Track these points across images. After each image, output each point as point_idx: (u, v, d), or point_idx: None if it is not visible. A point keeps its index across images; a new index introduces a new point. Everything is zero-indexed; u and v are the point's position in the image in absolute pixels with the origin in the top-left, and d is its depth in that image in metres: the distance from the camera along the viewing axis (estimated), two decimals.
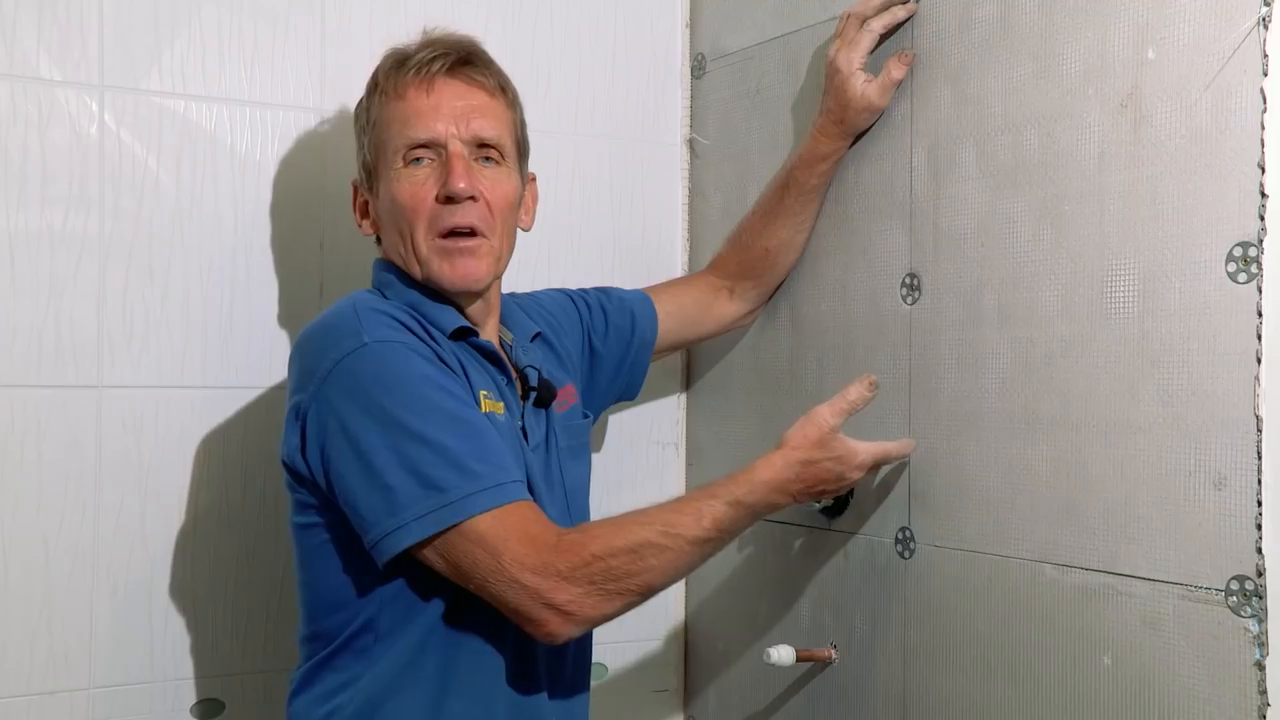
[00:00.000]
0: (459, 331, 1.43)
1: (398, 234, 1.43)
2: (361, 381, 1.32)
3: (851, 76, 1.57)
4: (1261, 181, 1.19)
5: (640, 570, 1.30)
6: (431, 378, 1.34)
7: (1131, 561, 1.30)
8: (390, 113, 1.43)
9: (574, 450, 1.54)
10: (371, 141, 1.46)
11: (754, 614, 1.81)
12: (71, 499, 1.59)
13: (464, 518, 1.28)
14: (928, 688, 1.53)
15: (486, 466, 1.30)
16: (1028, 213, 1.42)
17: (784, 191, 1.68)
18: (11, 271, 1.56)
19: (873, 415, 1.61)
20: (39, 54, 1.57)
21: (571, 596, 1.28)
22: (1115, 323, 1.32)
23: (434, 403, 1.32)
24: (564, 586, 1.28)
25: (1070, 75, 1.37)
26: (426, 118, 1.41)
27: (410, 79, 1.43)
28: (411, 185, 1.41)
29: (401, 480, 1.29)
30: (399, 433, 1.30)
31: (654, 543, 1.30)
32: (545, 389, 1.50)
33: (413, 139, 1.42)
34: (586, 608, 1.29)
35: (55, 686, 1.58)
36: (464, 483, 1.29)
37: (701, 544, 1.34)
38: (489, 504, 1.29)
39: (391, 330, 1.35)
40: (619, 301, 1.71)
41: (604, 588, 1.29)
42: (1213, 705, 1.22)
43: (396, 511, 1.29)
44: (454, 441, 1.30)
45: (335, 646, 1.39)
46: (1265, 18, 1.19)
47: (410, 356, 1.34)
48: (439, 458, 1.29)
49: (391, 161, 1.42)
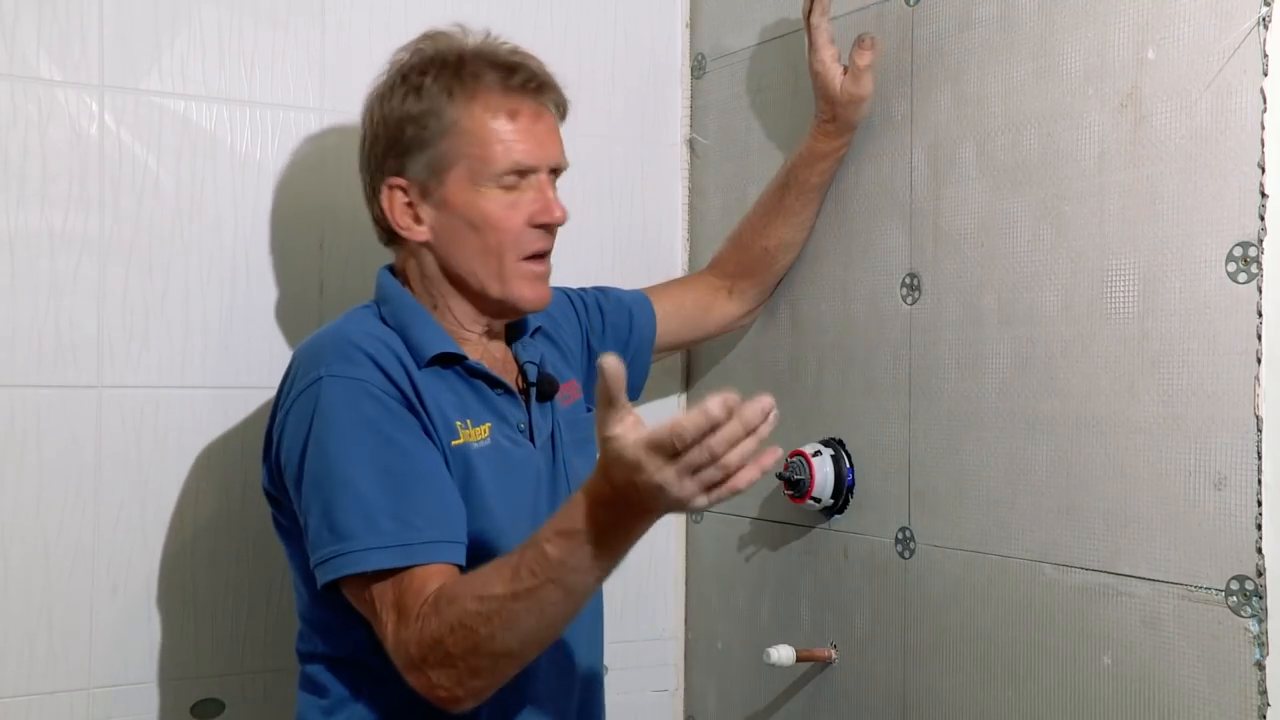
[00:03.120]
0: (441, 358, 1.40)
1: (480, 250, 1.41)
2: (307, 415, 1.32)
3: (826, 74, 1.59)
4: (1261, 181, 1.19)
5: (476, 644, 1.19)
6: (373, 421, 1.31)
7: (1131, 561, 1.30)
8: (492, 130, 1.39)
9: (579, 444, 1.54)
10: (450, 148, 1.39)
11: (754, 614, 1.81)
12: (71, 499, 1.59)
13: (357, 570, 1.25)
14: (928, 688, 1.53)
15: (395, 524, 1.26)
16: (1028, 213, 1.42)
17: (785, 191, 1.68)
18: (11, 271, 1.56)
19: (873, 415, 1.61)
20: (39, 54, 1.57)
21: (434, 681, 1.21)
22: (1115, 323, 1.32)
23: (366, 449, 1.29)
24: (422, 673, 1.22)
25: (1070, 75, 1.37)
26: (533, 145, 1.40)
27: (521, 102, 1.40)
28: (506, 207, 1.40)
29: (317, 521, 1.29)
30: (326, 472, 1.29)
31: (472, 612, 1.18)
32: (546, 383, 1.50)
33: (520, 164, 1.40)
34: (452, 687, 1.21)
35: (55, 686, 1.58)
36: (366, 535, 1.26)
37: (523, 596, 1.16)
38: (386, 563, 1.25)
39: (352, 365, 1.33)
40: (616, 302, 1.71)
41: (454, 668, 1.20)
42: (1213, 705, 1.22)
43: (313, 549, 1.30)
44: (373, 491, 1.27)
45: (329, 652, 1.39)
46: (1265, 18, 1.19)
47: (357, 396, 1.31)
48: (353, 504, 1.27)
49: (484, 178, 1.39)
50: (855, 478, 1.63)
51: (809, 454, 1.64)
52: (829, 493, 1.63)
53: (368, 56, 1.74)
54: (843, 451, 1.64)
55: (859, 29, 1.63)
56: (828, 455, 1.64)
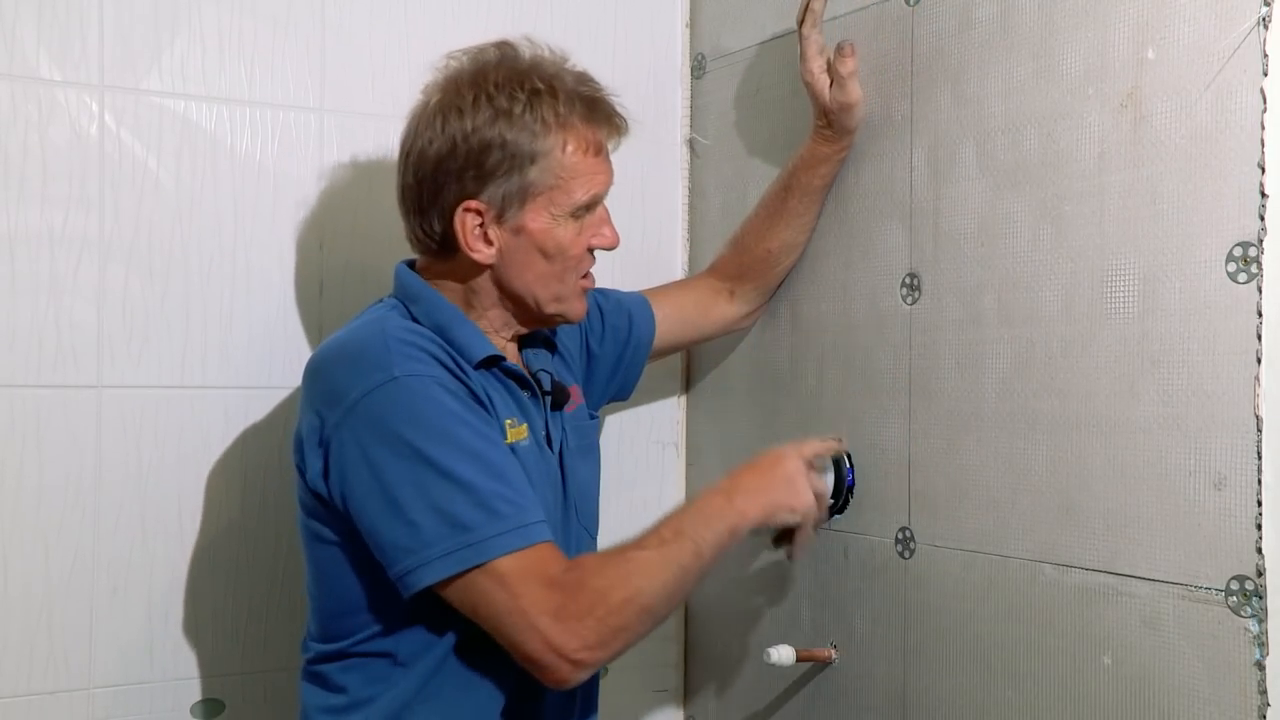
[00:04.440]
0: (487, 360, 1.43)
1: (547, 274, 1.43)
2: (390, 416, 1.31)
3: (815, 84, 1.60)
4: (1261, 181, 1.19)
5: (636, 609, 1.31)
6: (458, 414, 1.33)
7: (1131, 561, 1.30)
8: (579, 163, 1.41)
9: (584, 450, 1.55)
10: (536, 178, 1.40)
11: (754, 614, 1.81)
12: (71, 499, 1.59)
13: (488, 558, 1.28)
14: (928, 688, 1.53)
15: (511, 507, 1.30)
16: (1028, 213, 1.42)
17: (787, 193, 1.68)
18: (11, 271, 1.56)
19: (873, 415, 1.61)
20: (39, 54, 1.57)
21: (584, 643, 1.28)
22: (1115, 323, 1.32)
23: (461, 440, 1.31)
24: (576, 631, 1.28)
25: (1070, 75, 1.37)
26: (608, 178, 1.45)
27: (604, 138, 1.44)
28: (575, 234, 1.43)
29: (427, 518, 1.29)
30: (426, 469, 1.30)
31: (634, 562, 1.32)
32: (559, 391, 1.52)
33: (597, 197, 1.44)
34: (596, 650, 1.29)
35: (55, 686, 1.58)
36: (489, 523, 1.29)
37: (690, 567, 1.34)
38: (513, 545, 1.29)
39: (420, 363, 1.35)
40: (616, 304, 1.71)
41: (608, 625, 1.29)
42: (1213, 705, 1.22)
43: (421, 548, 1.29)
44: (480, 480, 1.30)
45: (347, 648, 1.40)
46: (1265, 18, 1.19)
47: (439, 392, 1.33)
48: (466, 496, 1.29)
49: (564, 209, 1.41)
50: (855, 478, 1.63)
51: None
52: (829, 493, 1.63)
53: (368, 56, 1.76)
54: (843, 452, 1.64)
55: (859, 29, 1.63)
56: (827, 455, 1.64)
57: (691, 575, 1.34)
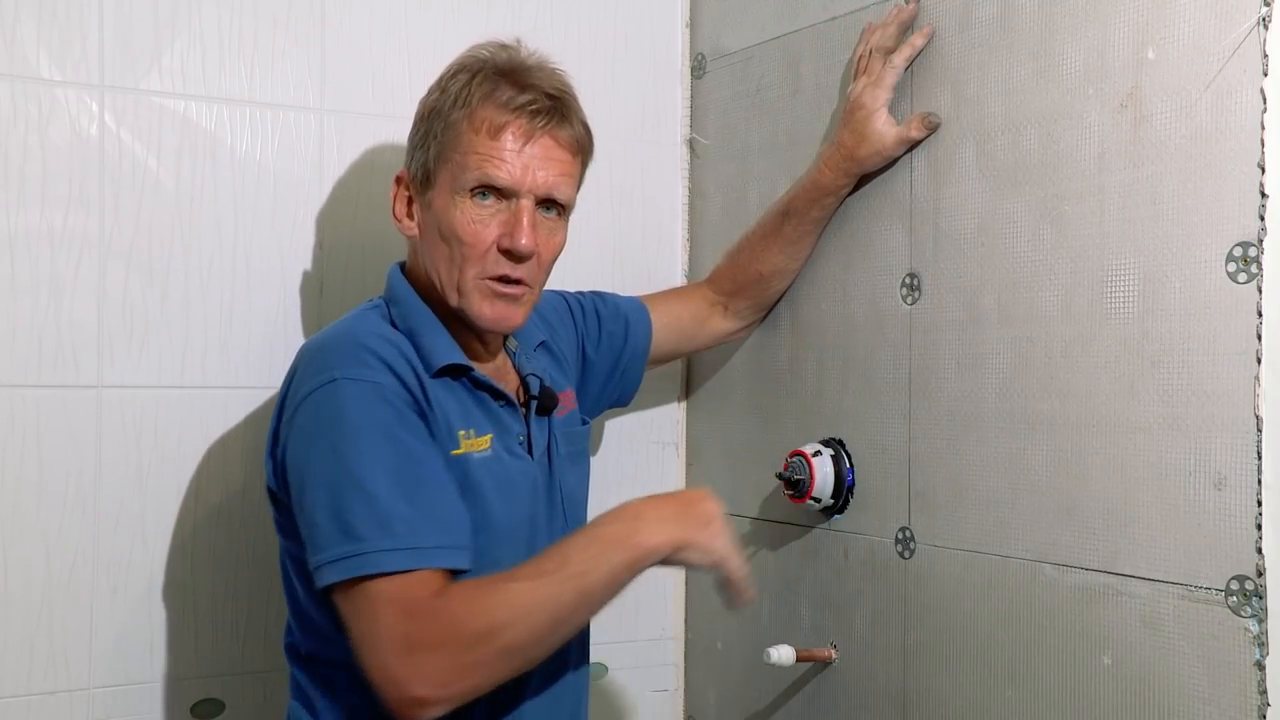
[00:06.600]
0: (451, 369, 1.40)
1: (445, 258, 1.39)
2: (321, 417, 1.31)
3: (875, 114, 1.55)
4: (1261, 181, 1.19)
5: (495, 647, 1.22)
6: (387, 424, 1.30)
7: (1131, 561, 1.30)
8: (475, 141, 1.37)
9: (573, 456, 1.54)
10: (441, 150, 1.39)
11: (754, 614, 1.81)
12: (71, 499, 1.59)
13: (368, 572, 1.24)
14: (928, 688, 1.53)
15: (406, 526, 1.25)
16: (1028, 213, 1.42)
17: (784, 219, 1.67)
18: (11, 271, 1.56)
19: (874, 415, 1.61)
20: (39, 54, 1.57)
21: (429, 680, 1.21)
22: (1115, 323, 1.32)
23: (378, 451, 1.28)
24: (421, 666, 1.21)
25: (1070, 75, 1.37)
26: (512, 168, 1.37)
27: (510, 121, 1.37)
28: (473, 222, 1.38)
29: (326, 521, 1.27)
30: (340, 473, 1.28)
31: (499, 600, 1.22)
32: (546, 397, 1.50)
33: (490, 180, 1.37)
34: (442, 689, 1.21)
35: (55, 686, 1.58)
36: (379, 537, 1.24)
37: (575, 588, 1.24)
38: (399, 565, 1.24)
39: (366, 368, 1.32)
40: (614, 309, 1.71)
41: (460, 661, 1.21)
42: (1213, 705, 1.22)
43: (317, 551, 1.28)
44: (385, 493, 1.26)
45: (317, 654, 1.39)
46: (1265, 18, 1.19)
47: (372, 399, 1.31)
48: (366, 507, 1.26)
49: (458, 187, 1.38)
50: (855, 478, 1.63)
51: (809, 454, 1.64)
52: (829, 493, 1.63)
53: (368, 56, 1.76)
54: (843, 451, 1.64)
55: (859, 28, 1.63)
56: (828, 455, 1.64)
57: (574, 611, 1.25)
